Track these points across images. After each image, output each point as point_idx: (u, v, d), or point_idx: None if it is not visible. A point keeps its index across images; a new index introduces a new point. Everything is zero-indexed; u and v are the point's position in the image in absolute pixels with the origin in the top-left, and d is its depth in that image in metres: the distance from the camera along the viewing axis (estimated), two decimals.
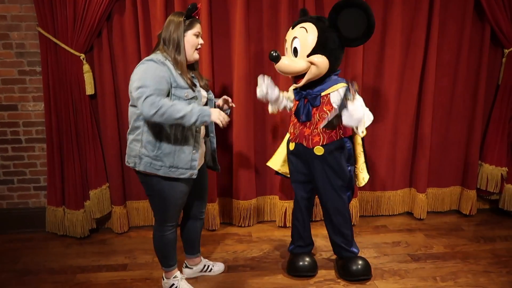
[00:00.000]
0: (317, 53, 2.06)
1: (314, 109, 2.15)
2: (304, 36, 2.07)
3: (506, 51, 2.95)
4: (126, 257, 2.63)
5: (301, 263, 2.38)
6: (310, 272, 2.39)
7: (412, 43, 2.90)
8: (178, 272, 2.22)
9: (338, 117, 1.99)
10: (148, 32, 2.66)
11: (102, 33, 2.65)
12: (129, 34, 2.67)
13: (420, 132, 3.03)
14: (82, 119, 2.71)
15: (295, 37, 2.11)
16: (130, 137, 1.97)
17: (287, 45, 2.17)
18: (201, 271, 2.42)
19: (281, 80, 2.74)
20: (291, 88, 2.33)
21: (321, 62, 2.07)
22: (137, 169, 1.96)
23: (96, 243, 2.82)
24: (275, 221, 3.06)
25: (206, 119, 1.84)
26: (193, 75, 2.03)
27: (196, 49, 1.99)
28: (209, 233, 2.94)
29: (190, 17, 1.95)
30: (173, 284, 2.20)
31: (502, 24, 2.86)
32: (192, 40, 1.96)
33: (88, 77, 2.68)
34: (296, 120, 2.25)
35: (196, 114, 1.83)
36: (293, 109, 2.27)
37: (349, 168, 2.29)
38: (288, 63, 2.08)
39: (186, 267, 2.41)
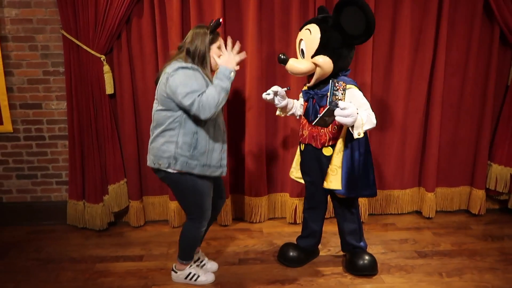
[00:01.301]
0: (320, 54, 2.12)
1: (322, 108, 2.19)
2: (308, 37, 2.15)
3: None
4: (142, 249, 2.75)
5: (291, 253, 2.51)
6: (297, 264, 2.52)
7: (421, 43, 2.95)
8: (192, 261, 2.36)
9: (332, 115, 1.95)
10: (165, 34, 2.77)
11: (122, 35, 2.78)
12: (147, 36, 2.79)
13: (429, 131, 3.07)
14: (102, 117, 2.85)
15: (301, 39, 2.20)
16: (160, 140, 2.05)
17: (297, 46, 2.26)
18: (194, 261, 2.48)
19: (292, 81, 2.83)
20: (302, 90, 2.38)
21: (323, 62, 2.12)
22: (172, 169, 2.05)
23: (114, 235, 2.96)
24: (285, 217, 3.15)
25: (232, 73, 1.99)
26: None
27: None
28: (222, 228, 3.05)
29: (214, 31, 2.08)
30: (190, 273, 2.34)
31: (511, 24, 2.89)
32: (216, 53, 2.09)
33: (108, 77, 2.81)
34: (305, 121, 2.32)
35: (225, 78, 1.97)
36: (303, 111, 2.35)
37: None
38: (294, 64, 2.17)
39: None
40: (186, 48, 2.05)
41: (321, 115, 2.00)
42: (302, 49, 2.20)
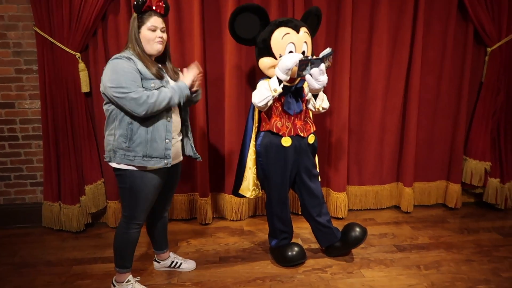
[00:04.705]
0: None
1: (300, 100, 2.32)
2: (309, 40, 2.31)
3: (489, 49, 3.06)
4: None
5: (290, 253, 2.46)
6: (302, 259, 2.49)
7: (398, 42, 3.00)
8: (131, 276, 2.21)
9: (318, 65, 2.14)
10: None
11: (97, 33, 2.73)
12: (124, 33, 2.74)
13: (407, 128, 3.13)
14: (77, 116, 2.79)
15: (305, 41, 2.29)
16: (105, 134, 2.04)
17: (291, 47, 2.25)
18: (169, 266, 2.45)
19: None
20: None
21: None
22: (112, 162, 2.02)
23: (91, 236, 2.89)
24: (266, 215, 3.14)
25: (186, 91, 2.01)
26: (160, 66, 2.07)
27: (155, 42, 1.99)
28: (202, 227, 3.02)
29: (141, 12, 1.97)
30: None
31: (484, 23, 2.97)
32: (147, 35, 1.98)
33: (83, 76, 2.75)
34: (286, 115, 2.33)
35: (177, 93, 1.98)
36: (278, 105, 2.33)
37: None
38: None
39: (155, 260, 2.47)
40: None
41: (310, 57, 2.11)
42: (304, 51, 2.29)
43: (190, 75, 2.07)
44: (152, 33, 2.00)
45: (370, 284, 2.31)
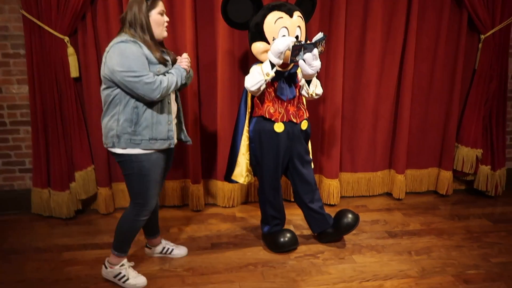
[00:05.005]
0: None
1: (294, 85, 2.30)
2: (302, 25, 2.27)
3: (483, 36, 3.05)
4: (111, 236, 2.60)
5: (282, 239, 2.46)
6: (294, 245, 2.49)
7: (392, 28, 2.97)
8: (125, 260, 2.20)
9: (310, 50, 2.12)
10: None
11: (86, 16, 2.66)
12: (113, 17, 2.68)
13: (400, 115, 3.12)
14: (67, 101, 2.73)
15: (298, 26, 2.24)
16: (105, 119, 2.01)
17: (284, 32, 2.21)
18: (160, 252, 2.43)
19: None
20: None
21: None
22: (116, 148, 1.98)
23: (82, 223, 2.87)
24: (258, 202, 3.13)
25: (184, 73, 2.05)
26: (163, 49, 2.07)
27: (163, 27, 2.01)
28: (194, 213, 3.01)
29: None
30: (120, 273, 2.16)
31: (479, 10, 2.95)
32: (158, 19, 1.97)
33: (72, 60, 2.69)
34: (279, 101, 2.31)
35: (179, 76, 2.01)
36: (271, 90, 2.31)
37: None
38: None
39: (146, 246, 2.46)
40: (126, 20, 1.94)
41: (303, 42, 2.12)
42: (297, 36, 2.24)
43: (185, 60, 2.10)
44: (162, 17, 1.98)
45: (361, 269, 2.32)
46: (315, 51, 2.14)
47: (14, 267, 2.35)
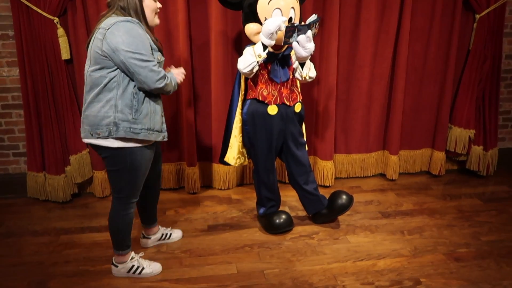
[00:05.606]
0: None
1: (287, 68, 2.29)
2: (296, 6, 2.22)
3: (478, 16, 3.02)
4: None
5: (277, 220, 2.49)
6: (289, 226, 2.52)
7: (387, 7, 2.93)
8: (133, 252, 2.13)
9: (304, 31, 2.10)
10: None
11: None
12: None
13: (394, 95, 3.13)
14: (59, 84, 2.70)
15: (292, 7, 2.19)
16: (96, 106, 1.81)
17: (278, 13, 2.16)
18: (160, 239, 2.40)
19: None
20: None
21: None
22: (109, 138, 1.82)
23: (78, 207, 2.88)
24: (253, 184, 3.16)
25: (176, 86, 2.00)
26: (156, 38, 1.97)
27: (156, 13, 1.93)
28: (190, 196, 3.03)
29: None
30: (133, 266, 2.10)
31: None
32: (151, 5, 1.89)
33: (63, 42, 2.64)
34: (272, 83, 2.31)
35: (174, 82, 1.97)
36: (265, 72, 2.29)
37: None
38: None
39: (144, 237, 2.37)
40: (117, 4, 1.82)
41: (296, 24, 2.09)
42: (291, 17, 2.19)
43: (181, 75, 2.08)
44: (155, 3, 1.91)
45: (355, 249, 2.37)
46: (309, 33, 2.11)
47: (12, 251, 2.37)
